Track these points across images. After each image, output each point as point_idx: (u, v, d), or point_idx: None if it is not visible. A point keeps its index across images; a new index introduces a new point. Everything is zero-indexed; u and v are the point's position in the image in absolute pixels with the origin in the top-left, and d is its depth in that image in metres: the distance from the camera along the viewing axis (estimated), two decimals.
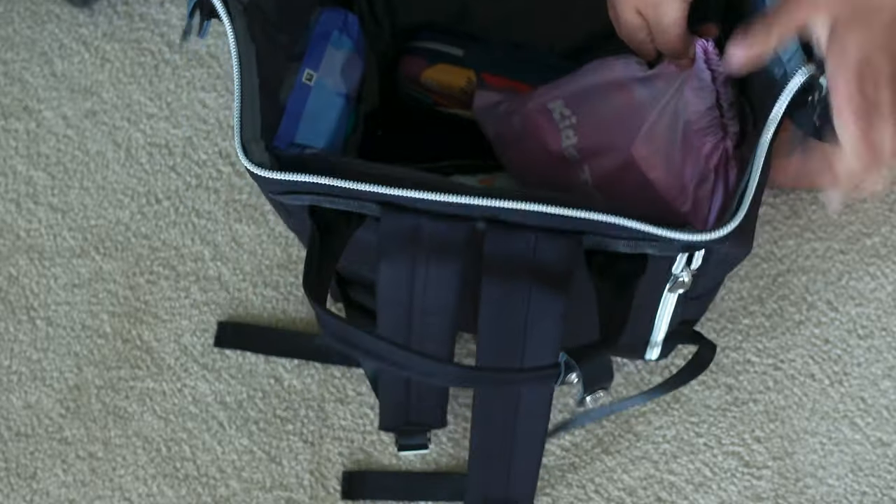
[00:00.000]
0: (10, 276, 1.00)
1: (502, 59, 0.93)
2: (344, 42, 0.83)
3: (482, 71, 0.93)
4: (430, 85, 0.94)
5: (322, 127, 0.81)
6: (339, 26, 0.83)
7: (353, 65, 0.84)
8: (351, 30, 0.84)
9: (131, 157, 1.04)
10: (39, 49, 1.09)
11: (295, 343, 0.95)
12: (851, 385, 0.94)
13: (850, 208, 1.00)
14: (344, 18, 0.84)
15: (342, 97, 0.82)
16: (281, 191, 0.69)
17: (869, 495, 0.90)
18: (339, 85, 0.82)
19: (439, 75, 0.94)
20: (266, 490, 0.92)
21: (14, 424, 0.95)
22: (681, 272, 0.70)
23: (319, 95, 0.81)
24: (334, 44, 0.83)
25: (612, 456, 0.92)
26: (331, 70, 0.82)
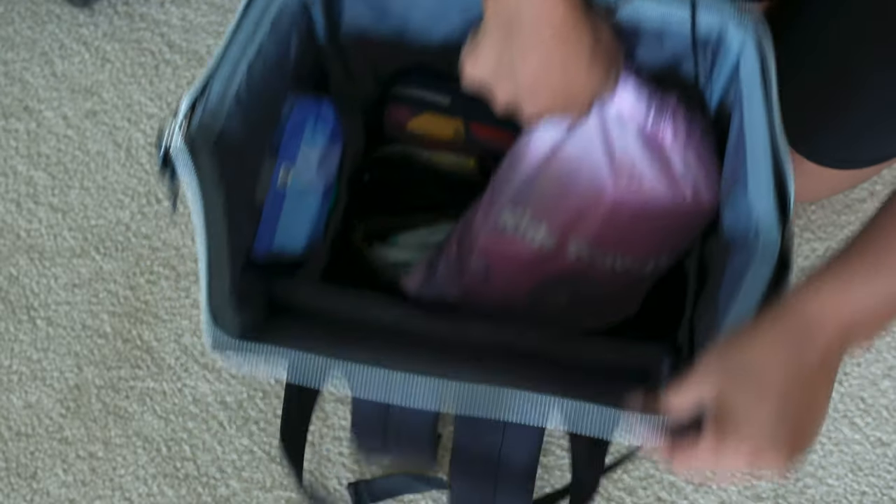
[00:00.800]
0: (10, 276, 1.00)
1: (489, 107, 0.91)
2: (318, 139, 0.81)
3: (470, 121, 0.90)
4: (416, 134, 0.90)
5: (299, 231, 0.81)
6: (314, 115, 0.82)
7: (329, 156, 0.82)
8: (326, 117, 0.82)
9: (131, 157, 1.04)
10: (39, 49, 1.09)
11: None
12: (851, 385, 0.94)
13: (849, 208, 1.00)
14: (318, 108, 0.82)
15: (318, 195, 0.81)
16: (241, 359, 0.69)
17: (869, 495, 0.90)
18: (316, 182, 0.81)
19: (426, 125, 0.89)
20: (266, 490, 0.92)
21: (14, 424, 0.95)
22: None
23: (294, 198, 0.80)
24: (307, 143, 0.81)
25: (613, 456, 0.92)
26: (306, 167, 0.81)
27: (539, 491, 0.91)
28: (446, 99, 0.90)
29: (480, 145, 0.90)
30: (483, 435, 0.70)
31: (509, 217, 0.80)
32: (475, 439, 0.70)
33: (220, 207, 0.67)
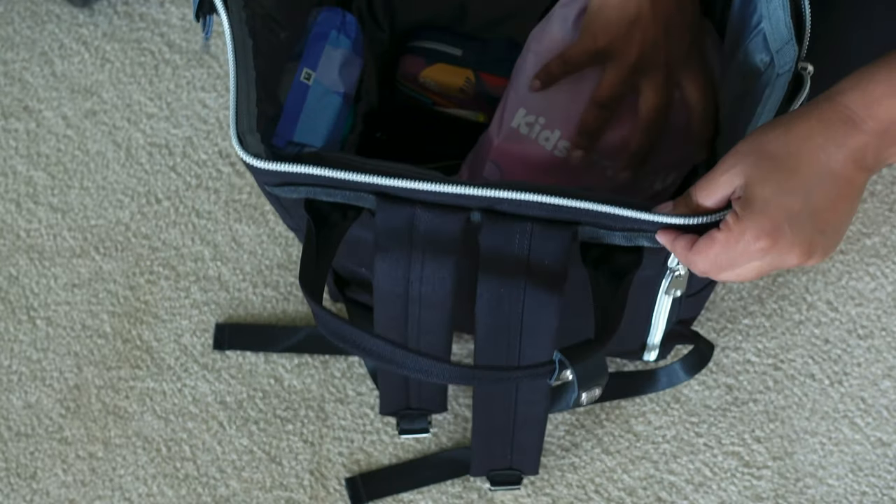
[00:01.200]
0: (10, 276, 1.00)
1: (501, 57, 0.93)
2: (342, 41, 0.83)
3: (481, 70, 0.93)
4: (428, 84, 0.94)
5: (320, 125, 0.81)
6: (337, 26, 0.83)
7: (351, 64, 0.84)
8: (349, 29, 0.84)
9: (131, 157, 1.04)
10: (39, 49, 1.09)
11: (294, 338, 0.95)
12: (851, 385, 0.94)
13: None
14: (342, 18, 0.84)
15: (339, 96, 0.82)
16: (276, 182, 0.69)
17: (869, 495, 0.90)
18: (337, 84, 0.82)
19: (437, 75, 0.94)
20: (266, 490, 0.92)
21: (14, 424, 0.95)
22: (677, 265, 0.69)
23: (317, 94, 0.81)
24: (332, 43, 0.83)
25: (612, 456, 0.92)
26: (329, 69, 0.82)
27: (540, 491, 0.91)
28: (458, 50, 0.94)
29: (490, 94, 0.93)
30: (507, 270, 0.69)
31: (523, 120, 0.81)
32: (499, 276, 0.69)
33: (248, 44, 0.69)
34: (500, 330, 0.72)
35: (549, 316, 0.70)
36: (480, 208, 0.67)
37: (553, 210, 0.66)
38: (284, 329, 0.95)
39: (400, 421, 0.90)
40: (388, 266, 0.70)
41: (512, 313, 0.70)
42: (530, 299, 0.69)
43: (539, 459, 0.87)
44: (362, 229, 0.71)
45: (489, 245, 0.68)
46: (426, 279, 0.70)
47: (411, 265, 0.70)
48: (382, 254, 0.70)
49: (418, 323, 0.74)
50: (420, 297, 0.71)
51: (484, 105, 0.94)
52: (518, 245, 0.68)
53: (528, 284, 0.69)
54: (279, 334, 0.95)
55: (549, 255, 0.68)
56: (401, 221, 0.68)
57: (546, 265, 0.68)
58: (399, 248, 0.69)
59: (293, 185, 0.68)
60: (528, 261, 0.68)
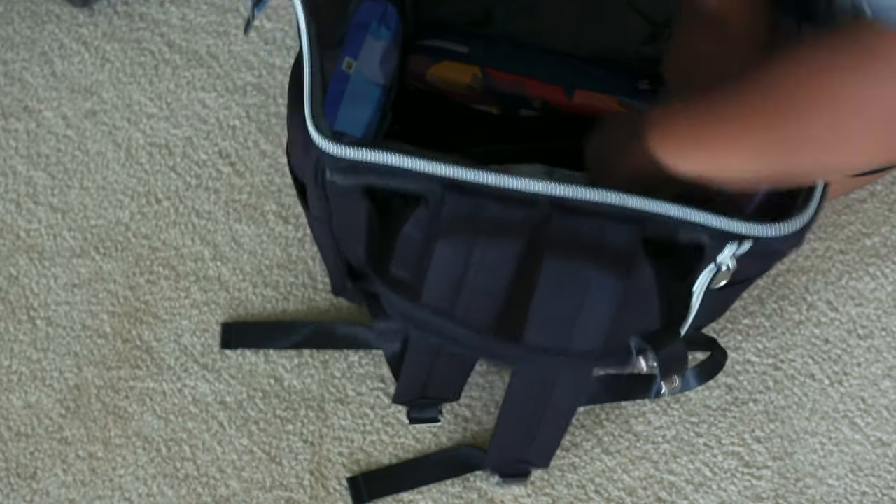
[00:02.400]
0: (10, 276, 1.00)
1: (507, 54, 0.93)
2: (383, 33, 0.83)
3: (487, 66, 0.93)
4: (434, 82, 0.94)
5: (360, 115, 0.81)
6: (379, 17, 0.83)
7: (390, 56, 0.84)
8: (390, 21, 0.84)
9: (131, 157, 1.04)
10: (39, 49, 1.09)
11: (301, 333, 0.95)
12: (851, 385, 0.94)
13: (849, 208, 1.00)
14: (384, 10, 0.84)
15: (379, 87, 0.82)
16: (346, 167, 0.68)
17: (869, 495, 0.90)
18: (377, 75, 0.82)
19: (444, 72, 0.94)
20: (266, 490, 0.92)
21: (14, 424, 0.95)
22: (728, 261, 0.70)
23: (358, 84, 0.81)
24: (373, 34, 0.83)
25: (612, 456, 0.92)
26: (370, 60, 0.82)
27: (540, 491, 0.91)
28: (464, 48, 0.94)
29: (497, 90, 0.94)
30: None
31: None
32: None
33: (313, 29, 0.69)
34: (556, 318, 0.72)
35: (608, 306, 0.70)
36: (551, 203, 0.68)
37: (628, 210, 0.66)
38: (291, 325, 0.95)
39: (411, 410, 0.91)
40: (449, 250, 0.70)
41: (572, 302, 0.70)
42: (593, 290, 0.69)
43: (553, 454, 0.87)
44: (410, 225, 0.72)
45: (557, 236, 0.68)
46: (485, 267, 0.70)
47: (473, 251, 0.70)
48: (445, 238, 0.69)
49: (466, 309, 0.74)
50: (475, 284, 0.71)
51: (492, 101, 0.94)
52: (587, 238, 0.68)
53: (593, 274, 0.69)
54: (285, 330, 0.95)
55: (617, 246, 0.68)
56: (468, 210, 0.68)
57: (613, 257, 0.68)
58: (464, 234, 0.69)
59: (361, 171, 0.68)
60: (595, 252, 0.68)
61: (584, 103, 0.93)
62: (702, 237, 0.67)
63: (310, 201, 0.79)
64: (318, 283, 0.98)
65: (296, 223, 1.00)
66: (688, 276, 0.68)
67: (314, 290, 0.98)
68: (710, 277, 0.73)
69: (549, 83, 0.93)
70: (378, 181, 0.68)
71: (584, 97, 0.92)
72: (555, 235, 0.68)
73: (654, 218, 0.66)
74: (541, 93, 0.93)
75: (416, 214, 0.70)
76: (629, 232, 0.67)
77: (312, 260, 0.99)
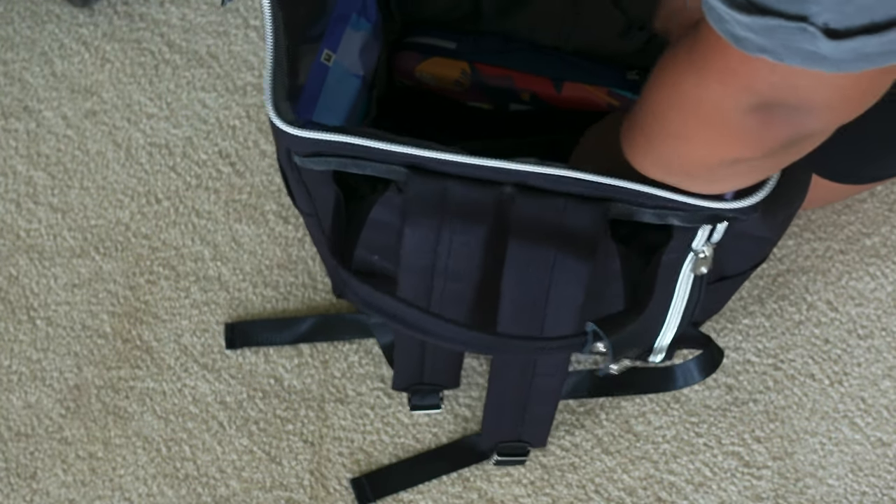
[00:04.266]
0: (10, 276, 1.00)
1: (495, 49, 0.93)
2: (362, 24, 0.83)
3: (476, 61, 0.93)
4: (424, 79, 0.94)
5: (339, 106, 0.80)
6: (358, 9, 0.83)
7: (370, 48, 0.84)
8: (369, 13, 0.84)
9: (131, 157, 1.04)
10: (39, 49, 1.09)
11: (302, 327, 0.95)
12: (851, 385, 0.94)
13: (849, 208, 1.00)
14: (363, 1, 0.83)
15: (359, 78, 0.82)
16: (310, 152, 0.68)
17: (869, 495, 0.90)
18: (357, 67, 0.82)
19: (433, 68, 0.94)
20: (266, 490, 0.92)
21: (14, 424, 0.95)
22: (701, 247, 0.70)
23: (337, 75, 0.80)
24: (353, 26, 0.83)
25: (612, 456, 0.92)
26: (349, 51, 0.82)
27: (540, 491, 0.91)
28: (452, 44, 0.94)
29: (486, 84, 0.94)
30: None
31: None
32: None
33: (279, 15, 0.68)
34: (526, 304, 0.71)
35: (576, 289, 0.70)
36: (513, 183, 0.67)
37: (587, 187, 0.66)
38: (292, 320, 0.95)
39: (412, 397, 0.91)
40: (417, 236, 0.70)
41: (539, 285, 0.70)
42: (559, 271, 0.69)
43: (548, 432, 0.87)
44: (383, 211, 0.71)
45: (520, 218, 0.68)
46: (454, 252, 0.70)
47: (440, 236, 0.70)
48: (412, 224, 0.69)
49: (442, 295, 0.74)
50: (446, 270, 0.71)
51: (481, 95, 0.95)
52: (550, 218, 0.68)
53: (559, 256, 0.69)
54: (289, 325, 0.95)
55: (581, 228, 0.68)
56: (432, 193, 0.68)
57: (577, 239, 0.68)
58: (429, 218, 0.69)
59: (325, 155, 0.68)
60: (559, 234, 0.68)
61: (574, 95, 0.93)
62: (670, 219, 0.67)
63: (294, 195, 0.79)
64: (318, 283, 0.98)
65: (296, 223, 1.00)
66: (651, 259, 0.68)
67: (314, 290, 0.98)
68: (690, 265, 0.73)
69: (537, 75, 0.93)
70: (342, 165, 0.68)
71: (574, 89, 0.93)
72: (518, 217, 0.68)
73: (617, 194, 0.66)
74: (529, 85, 0.93)
75: (383, 199, 0.70)
76: (593, 211, 0.67)
77: (312, 260, 0.99)
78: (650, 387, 0.93)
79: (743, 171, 0.60)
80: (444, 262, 0.71)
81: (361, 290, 0.63)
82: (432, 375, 0.88)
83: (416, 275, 0.72)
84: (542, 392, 0.82)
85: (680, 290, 0.76)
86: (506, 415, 0.85)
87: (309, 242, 1.00)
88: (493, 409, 0.85)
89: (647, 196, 0.65)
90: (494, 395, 0.83)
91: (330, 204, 0.73)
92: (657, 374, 0.92)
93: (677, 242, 0.69)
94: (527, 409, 0.84)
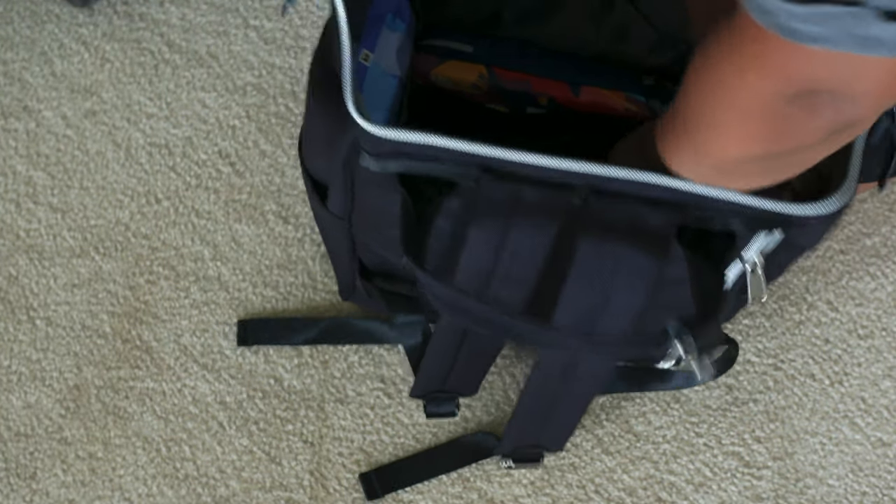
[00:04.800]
0: (10, 276, 1.00)
1: (512, 52, 0.93)
2: (398, 25, 0.83)
3: (493, 65, 0.93)
4: (440, 82, 0.94)
5: (378, 106, 0.80)
6: (394, 9, 0.83)
7: (405, 48, 0.84)
8: (404, 13, 0.84)
9: (131, 157, 1.04)
10: (39, 49, 1.09)
11: (314, 329, 0.95)
12: (851, 385, 0.94)
13: (849, 208, 1.00)
14: (398, 2, 0.83)
15: (396, 79, 0.82)
16: (387, 152, 0.67)
17: (869, 495, 0.90)
18: (394, 67, 0.82)
19: (450, 72, 0.94)
20: (266, 490, 0.92)
21: (14, 424, 0.95)
22: (751, 257, 0.70)
23: (375, 76, 0.80)
24: (389, 26, 0.83)
25: (612, 456, 0.92)
26: (386, 52, 0.82)
27: (540, 491, 0.91)
28: (469, 47, 0.94)
29: (504, 88, 0.94)
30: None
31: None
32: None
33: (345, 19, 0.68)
34: (586, 305, 0.71)
35: (640, 293, 0.69)
36: (587, 186, 0.67)
37: (662, 191, 0.66)
38: (305, 321, 0.95)
39: (428, 404, 0.91)
40: (483, 237, 0.69)
41: (603, 289, 0.70)
42: (624, 275, 0.69)
43: (568, 438, 0.87)
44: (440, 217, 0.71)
45: (594, 220, 0.68)
46: (517, 255, 0.70)
47: (506, 237, 0.69)
48: (478, 224, 0.69)
49: (495, 296, 0.73)
50: (507, 271, 0.71)
51: (498, 99, 0.94)
52: (624, 221, 0.67)
53: (627, 258, 0.68)
54: (300, 326, 0.95)
55: (652, 232, 0.67)
56: (505, 194, 0.67)
57: (647, 242, 0.68)
58: (498, 219, 0.68)
59: (401, 155, 0.67)
60: (632, 235, 0.68)
61: (592, 100, 0.92)
62: (733, 223, 0.66)
63: (331, 199, 0.78)
64: (318, 283, 0.98)
65: (296, 223, 1.00)
66: (719, 266, 0.68)
67: (314, 290, 0.98)
68: (738, 275, 0.73)
69: (555, 79, 0.93)
70: (414, 166, 0.67)
71: (591, 94, 0.92)
72: (591, 219, 0.68)
73: (689, 200, 0.66)
74: (546, 89, 0.93)
75: (446, 206, 0.70)
76: (665, 215, 0.67)
77: (312, 260, 0.99)
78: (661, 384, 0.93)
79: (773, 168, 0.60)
80: (506, 265, 0.70)
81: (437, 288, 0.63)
82: (454, 383, 0.88)
83: (472, 275, 0.72)
84: (576, 397, 0.81)
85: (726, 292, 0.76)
86: (535, 419, 0.85)
87: (309, 242, 1.00)
88: (523, 412, 0.84)
89: (724, 202, 0.65)
90: (530, 397, 0.82)
91: (377, 206, 0.72)
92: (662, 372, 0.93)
93: (739, 247, 0.69)
94: (554, 414, 0.83)
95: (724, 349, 0.90)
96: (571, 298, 0.71)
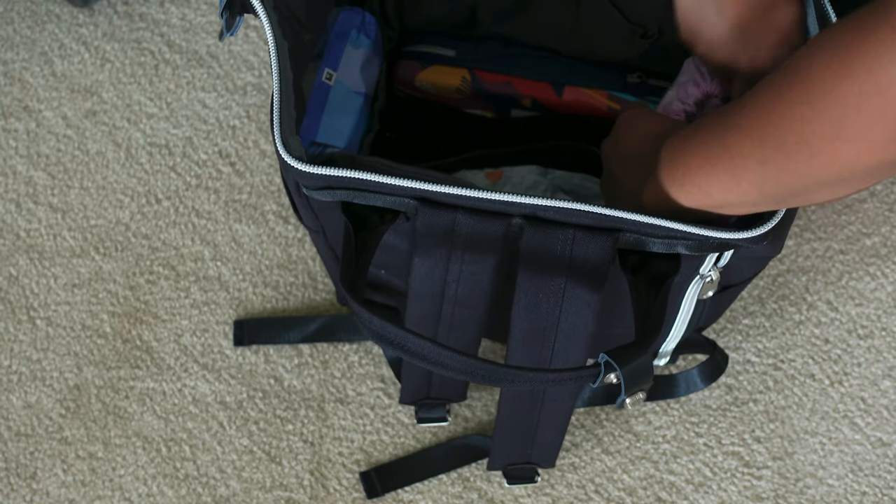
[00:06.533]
0: (10, 276, 1.00)
1: (495, 55, 0.93)
2: (362, 41, 0.83)
3: (476, 68, 0.93)
4: (424, 87, 0.94)
5: (342, 125, 0.80)
6: (357, 25, 0.83)
7: (371, 63, 0.84)
8: (368, 29, 0.84)
9: (131, 157, 1.04)
10: (39, 49, 1.09)
11: (311, 326, 0.95)
12: (851, 385, 0.94)
13: (849, 208, 1.00)
14: (361, 18, 0.83)
15: (361, 96, 0.82)
16: (319, 186, 0.68)
17: (869, 495, 0.90)
18: (358, 84, 0.82)
19: (433, 76, 0.94)
20: (266, 490, 0.92)
21: (14, 424, 0.95)
22: (708, 272, 0.70)
23: (339, 94, 0.81)
24: (352, 43, 0.83)
25: (612, 456, 0.92)
26: (350, 69, 0.82)
27: (540, 491, 0.91)
28: (451, 51, 0.94)
29: (487, 91, 0.94)
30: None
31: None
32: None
33: (284, 46, 0.69)
34: (536, 332, 0.72)
35: (586, 319, 0.70)
36: (523, 215, 0.68)
37: (596, 219, 0.66)
38: (301, 319, 0.95)
39: (418, 410, 0.91)
40: (426, 265, 0.70)
41: (549, 315, 0.70)
42: (569, 302, 0.69)
43: (557, 454, 0.87)
44: (392, 235, 0.72)
45: (530, 249, 0.68)
46: (463, 280, 0.70)
47: (450, 266, 0.70)
48: (421, 254, 0.70)
49: (450, 321, 0.74)
50: (456, 297, 0.72)
51: (483, 103, 0.94)
52: (560, 249, 0.68)
53: (568, 286, 0.69)
54: (298, 324, 0.95)
55: (590, 258, 0.68)
56: (441, 225, 0.68)
57: (586, 269, 0.68)
58: (439, 248, 0.69)
59: (334, 188, 0.68)
60: (568, 264, 0.68)
61: (575, 100, 0.92)
62: (678, 248, 0.67)
63: (301, 214, 0.79)
64: (318, 283, 0.98)
65: (296, 223, 1.00)
66: (662, 289, 0.68)
67: (314, 290, 0.98)
68: (697, 289, 0.73)
69: (537, 80, 0.93)
70: (351, 198, 0.68)
71: (574, 93, 0.92)
72: (527, 248, 0.68)
73: (626, 225, 0.66)
74: (529, 91, 0.93)
75: (394, 226, 0.71)
76: (602, 243, 0.68)
77: (312, 260, 0.99)
78: (655, 394, 0.93)
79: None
80: (454, 289, 0.71)
81: (372, 322, 0.64)
82: (439, 391, 0.88)
83: (425, 300, 0.73)
84: (553, 416, 0.81)
85: (684, 308, 0.76)
86: (517, 439, 0.85)
87: (309, 242, 1.00)
88: (502, 433, 0.84)
89: (657, 227, 0.65)
90: (504, 420, 0.83)
91: (338, 227, 0.73)
92: (659, 382, 0.92)
93: (686, 270, 0.70)
94: (537, 433, 0.84)
95: (708, 357, 0.91)
96: (520, 332, 0.72)
